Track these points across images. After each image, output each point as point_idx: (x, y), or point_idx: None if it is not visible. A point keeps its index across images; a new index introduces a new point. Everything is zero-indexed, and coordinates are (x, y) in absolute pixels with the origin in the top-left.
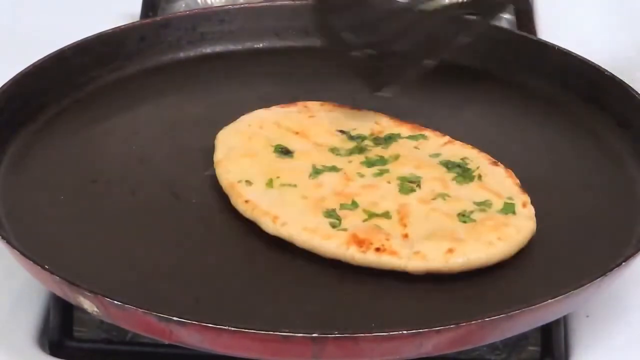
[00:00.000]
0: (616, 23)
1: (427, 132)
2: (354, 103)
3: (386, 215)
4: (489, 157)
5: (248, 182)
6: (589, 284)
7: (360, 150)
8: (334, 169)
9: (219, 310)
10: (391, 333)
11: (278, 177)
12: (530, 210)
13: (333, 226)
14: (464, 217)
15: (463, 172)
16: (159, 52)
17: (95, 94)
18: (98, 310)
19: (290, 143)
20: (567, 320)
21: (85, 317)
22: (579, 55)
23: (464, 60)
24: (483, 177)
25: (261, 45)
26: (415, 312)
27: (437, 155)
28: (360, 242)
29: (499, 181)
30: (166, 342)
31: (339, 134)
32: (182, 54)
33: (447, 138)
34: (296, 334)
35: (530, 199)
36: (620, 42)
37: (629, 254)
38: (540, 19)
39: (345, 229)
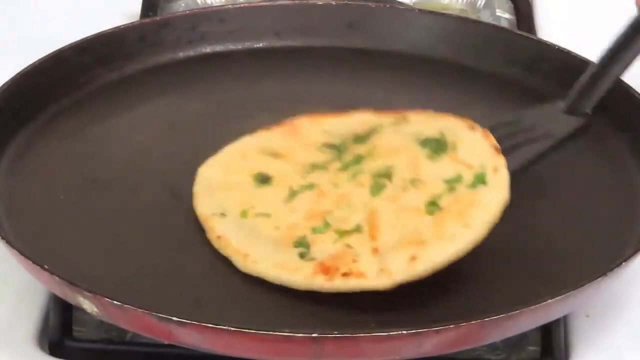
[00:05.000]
0: (616, 23)
1: (408, 113)
2: (353, 103)
3: (357, 229)
4: (467, 121)
5: (222, 215)
6: (589, 284)
7: (339, 154)
8: (310, 187)
9: (219, 310)
10: (391, 333)
11: (253, 207)
12: (501, 176)
13: (302, 256)
14: (432, 206)
15: (437, 146)
16: (159, 52)
17: (95, 94)
18: (98, 310)
19: (270, 168)
20: (567, 320)
21: (85, 317)
22: (579, 55)
23: (461, 59)
24: (458, 144)
25: (261, 45)
26: (415, 312)
27: (413, 133)
28: (326, 270)
29: (473, 147)
30: (166, 342)
31: (324, 147)
32: (182, 54)
33: (425, 113)
34: (296, 334)
35: (530, 199)
36: None
37: (629, 254)
38: (540, 19)
39: (313, 259)
